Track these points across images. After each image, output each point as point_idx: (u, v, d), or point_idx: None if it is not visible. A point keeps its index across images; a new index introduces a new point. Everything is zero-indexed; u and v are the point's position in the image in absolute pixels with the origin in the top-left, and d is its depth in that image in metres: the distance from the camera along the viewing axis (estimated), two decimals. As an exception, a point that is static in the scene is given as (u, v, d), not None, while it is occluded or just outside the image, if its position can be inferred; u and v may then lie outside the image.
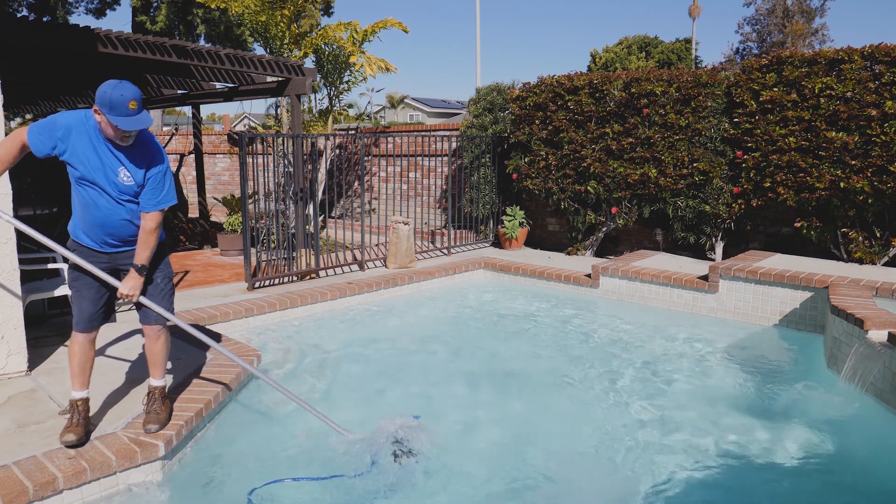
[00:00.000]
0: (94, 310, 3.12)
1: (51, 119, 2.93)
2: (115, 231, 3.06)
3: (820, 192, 6.40)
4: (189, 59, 6.23)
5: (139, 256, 3.05)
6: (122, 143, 2.91)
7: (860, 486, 3.24)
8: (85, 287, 3.09)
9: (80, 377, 3.12)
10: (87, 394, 3.15)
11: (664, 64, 38.38)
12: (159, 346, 3.30)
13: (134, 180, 2.98)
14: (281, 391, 3.53)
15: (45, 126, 2.92)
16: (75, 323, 3.10)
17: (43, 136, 2.90)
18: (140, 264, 3.05)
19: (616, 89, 7.73)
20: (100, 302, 3.13)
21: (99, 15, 22.47)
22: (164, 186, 3.07)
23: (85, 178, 2.94)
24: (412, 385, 4.44)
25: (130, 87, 2.82)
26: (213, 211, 13.35)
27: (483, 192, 9.17)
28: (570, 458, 3.44)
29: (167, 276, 3.29)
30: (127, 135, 2.88)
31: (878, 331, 4.09)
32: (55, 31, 5.31)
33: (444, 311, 6.48)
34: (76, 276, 3.10)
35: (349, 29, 9.75)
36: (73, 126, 2.91)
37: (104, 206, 2.98)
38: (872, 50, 6.13)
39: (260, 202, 7.23)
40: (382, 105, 47.29)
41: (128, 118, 2.80)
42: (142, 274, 3.07)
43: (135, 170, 2.98)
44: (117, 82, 2.81)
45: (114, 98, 2.76)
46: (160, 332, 3.27)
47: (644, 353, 5.13)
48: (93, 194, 2.97)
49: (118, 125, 2.79)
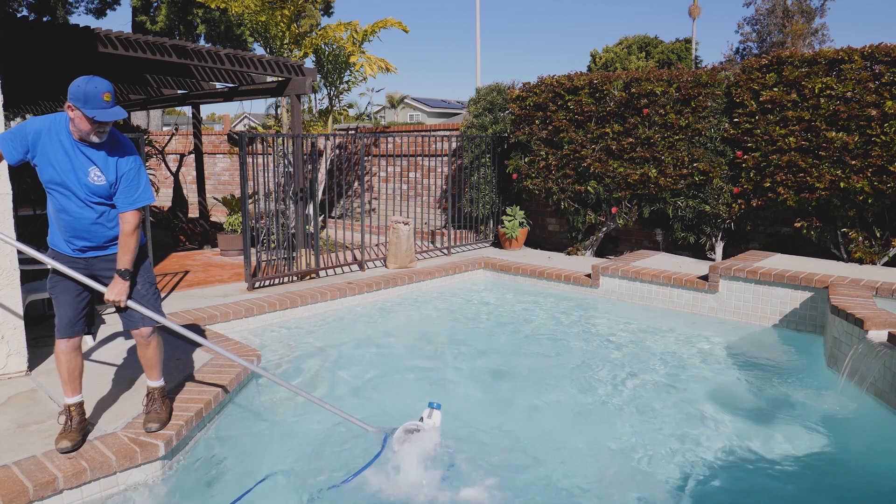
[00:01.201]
0: (74, 316, 3.09)
1: (20, 126, 2.94)
2: (88, 235, 3.02)
3: (820, 192, 6.40)
4: (189, 59, 6.23)
5: (121, 261, 3.01)
6: (97, 139, 2.88)
7: (860, 486, 3.24)
8: (63, 293, 3.07)
9: (70, 384, 3.11)
10: (80, 398, 3.13)
11: (664, 64, 38.37)
12: (151, 351, 3.27)
13: (105, 179, 2.94)
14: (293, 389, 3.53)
15: (15, 133, 2.92)
16: (56, 330, 3.08)
17: (15, 144, 2.91)
18: (123, 268, 3.01)
19: (616, 89, 7.73)
20: (79, 307, 3.10)
21: (99, 15, 22.46)
22: (140, 184, 3.04)
23: (54, 181, 2.92)
24: (412, 385, 4.45)
25: (103, 81, 2.82)
26: (213, 211, 13.36)
27: (483, 192, 9.17)
28: (569, 457, 3.44)
29: (148, 282, 3.23)
30: (102, 129, 2.86)
31: (878, 331, 4.09)
32: (55, 31, 5.31)
33: (444, 312, 6.48)
34: (55, 282, 3.08)
35: (349, 29, 9.75)
36: (43, 130, 2.91)
37: (73, 210, 2.96)
38: (872, 50, 6.13)
39: (260, 202, 7.23)
40: (382, 105, 47.29)
41: (104, 110, 2.79)
42: (125, 278, 3.03)
43: (106, 168, 2.95)
44: (89, 77, 2.81)
45: (88, 91, 2.76)
46: (150, 338, 3.24)
47: (643, 353, 5.13)
48: (61, 199, 2.95)
49: (95, 117, 2.77)
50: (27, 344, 3.96)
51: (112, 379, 3.87)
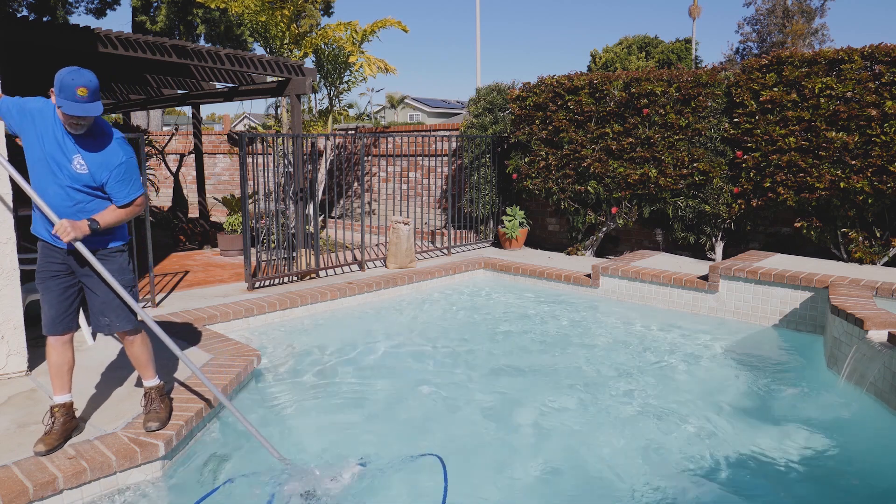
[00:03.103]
0: (58, 312, 3.07)
1: (23, 100, 3.00)
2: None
3: (820, 192, 6.40)
4: (189, 59, 6.23)
5: (99, 214, 2.99)
6: (73, 131, 2.87)
7: (860, 486, 3.24)
8: (47, 291, 3.07)
9: (55, 381, 3.11)
10: (66, 398, 3.12)
11: (664, 64, 38.36)
12: (136, 350, 3.25)
13: (88, 170, 2.93)
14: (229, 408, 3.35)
15: (18, 103, 2.99)
16: (42, 326, 3.09)
17: (15, 109, 2.98)
18: (94, 219, 2.95)
19: (616, 89, 7.73)
20: (63, 304, 3.08)
21: (99, 15, 22.45)
22: (132, 178, 3.03)
23: (40, 160, 2.93)
24: (412, 385, 4.44)
25: (85, 76, 2.79)
26: (213, 211, 13.36)
27: (483, 192, 9.17)
28: (568, 456, 3.44)
29: (124, 285, 3.12)
30: (74, 121, 2.83)
31: (878, 331, 4.09)
32: (55, 31, 5.31)
33: (444, 311, 6.48)
34: (41, 279, 3.08)
35: (349, 29, 9.75)
36: (42, 109, 2.96)
37: (52, 193, 2.95)
38: (872, 50, 6.13)
39: (260, 202, 7.23)
40: (382, 105, 47.30)
41: (73, 103, 2.76)
42: (89, 226, 2.93)
43: (90, 160, 2.94)
44: (76, 68, 2.79)
45: (64, 81, 2.75)
46: (133, 337, 3.22)
47: (643, 352, 5.13)
48: (43, 180, 2.95)
49: (61, 108, 2.77)
50: (27, 344, 3.96)
51: (112, 379, 3.87)
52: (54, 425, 3.02)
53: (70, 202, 2.98)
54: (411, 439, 3.63)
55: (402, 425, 3.83)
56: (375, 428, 3.76)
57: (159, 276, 6.90)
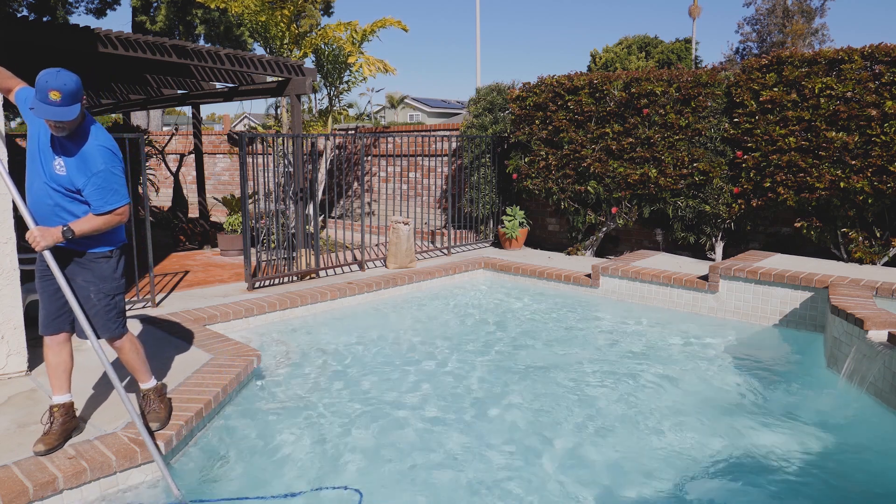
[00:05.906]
0: (51, 313, 3.07)
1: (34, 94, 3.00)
2: (47, 219, 2.95)
3: (820, 192, 6.40)
4: (189, 59, 6.23)
5: (74, 222, 2.92)
6: (53, 132, 2.86)
7: (860, 486, 3.24)
8: (42, 292, 3.07)
9: (54, 381, 3.11)
10: (66, 398, 3.11)
11: (664, 64, 38.36)
12: (125, 355, 3.24)
13: (66, 172, 2.92)
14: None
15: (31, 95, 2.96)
16: (39, 326, 3.09)
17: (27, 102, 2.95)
18: (67, 226, 2.88)
19: (616, 89, 7.73)
20: (55, 304, 3.06)
21: (99, 15, 22.44)
22: (111, 187, 2.94)
23: (32, 154, 2.95)
24: (411, 385, 4.45)
25: (62, 78, 2.75)
26: (213, 211, 13.36)
27: (483, 192, 9.17)
28: (568, 456, 3.44)
29: (104, 293, 3.08)
30: (51, 123, 2.81)
31: (878, 331, 4.09)
32: (55, 31, 5.31)
33: (444, 311, 6.48)
34: (37, 279, 3.09)
35: (348, 28, 9.74)
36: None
37: (36, 189, 2.96)
38: (872, 50, 6.13)
39: (260, 202, 7.23)
40: (382, 105, 47.27)
41: (43, 105, 2.74)
42: (62, 233, 2.87)
43: (69, 164, 2.92)
44: (57, 70, 2.76)
45: (39, 82, 2.74)
46: (120, 342, 3.20)
47: (643, 352, 5.13)
48: (31, 175, 2.97)
49: (32, 108, 2.77)
50: (27, 344, 3.96)
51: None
52: (53, 425, 3.01)
53: (50, 201, 2.97)
54: (410, 439, 3.63)
55: (401, 425, 3.83)
56: (375, 428, 3.76)
57: (159, 276, 6.91)
